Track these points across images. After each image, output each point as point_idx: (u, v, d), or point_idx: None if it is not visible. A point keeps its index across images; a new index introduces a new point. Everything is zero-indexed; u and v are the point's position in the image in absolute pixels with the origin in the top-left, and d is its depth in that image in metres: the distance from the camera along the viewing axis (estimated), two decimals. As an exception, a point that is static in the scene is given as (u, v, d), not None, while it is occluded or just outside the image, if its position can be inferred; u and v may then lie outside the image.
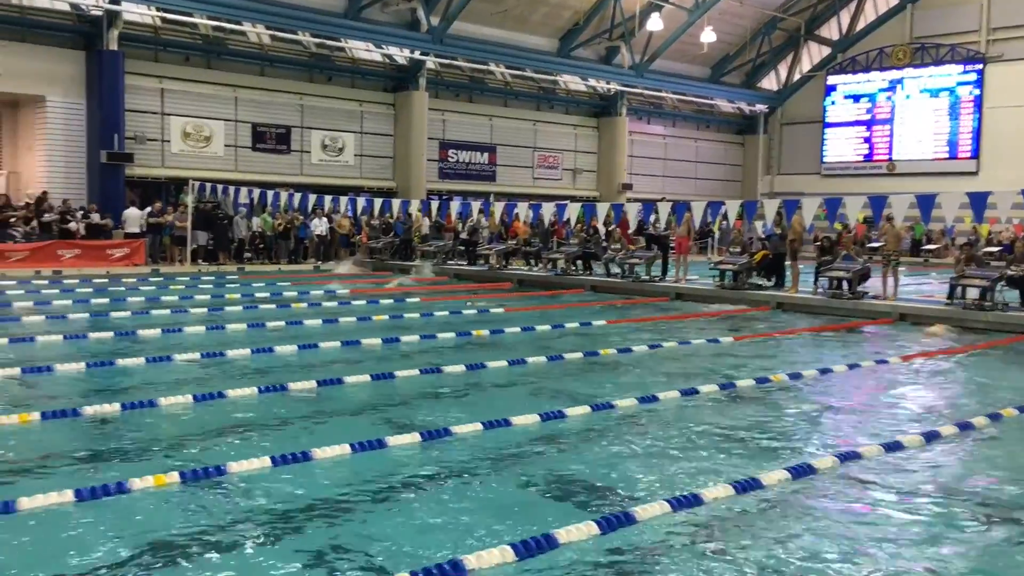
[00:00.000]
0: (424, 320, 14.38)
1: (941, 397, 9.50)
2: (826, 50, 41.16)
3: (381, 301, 16.85)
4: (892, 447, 7.02)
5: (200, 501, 5.46)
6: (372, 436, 6.86)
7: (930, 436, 7.40)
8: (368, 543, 4.86)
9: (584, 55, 34.60)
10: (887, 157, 39.20)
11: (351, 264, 25.17)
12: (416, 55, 29.91)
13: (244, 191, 24.35)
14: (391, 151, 30.89)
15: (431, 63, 30.68)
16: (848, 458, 6.65)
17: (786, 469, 6.25)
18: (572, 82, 35.77)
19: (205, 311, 14.78)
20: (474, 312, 15.45)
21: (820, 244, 18.74)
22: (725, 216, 19.77)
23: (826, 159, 40.99)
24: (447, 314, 15.08)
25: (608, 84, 35.80)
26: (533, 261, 24.17)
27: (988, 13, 36.40)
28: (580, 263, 22.30)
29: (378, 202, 25.12)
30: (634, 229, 25.03)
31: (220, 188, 24.24)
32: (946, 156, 37.51)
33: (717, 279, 19.15)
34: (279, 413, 7.85)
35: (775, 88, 42.27)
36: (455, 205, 24.94)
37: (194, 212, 23.38)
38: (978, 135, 36.69)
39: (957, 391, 9.92)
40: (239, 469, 5.98)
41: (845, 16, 40.02)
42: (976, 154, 36.66)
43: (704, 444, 7.13)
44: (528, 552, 4.66)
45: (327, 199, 24.91)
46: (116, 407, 7.65)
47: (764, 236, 20.01)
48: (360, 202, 24.68)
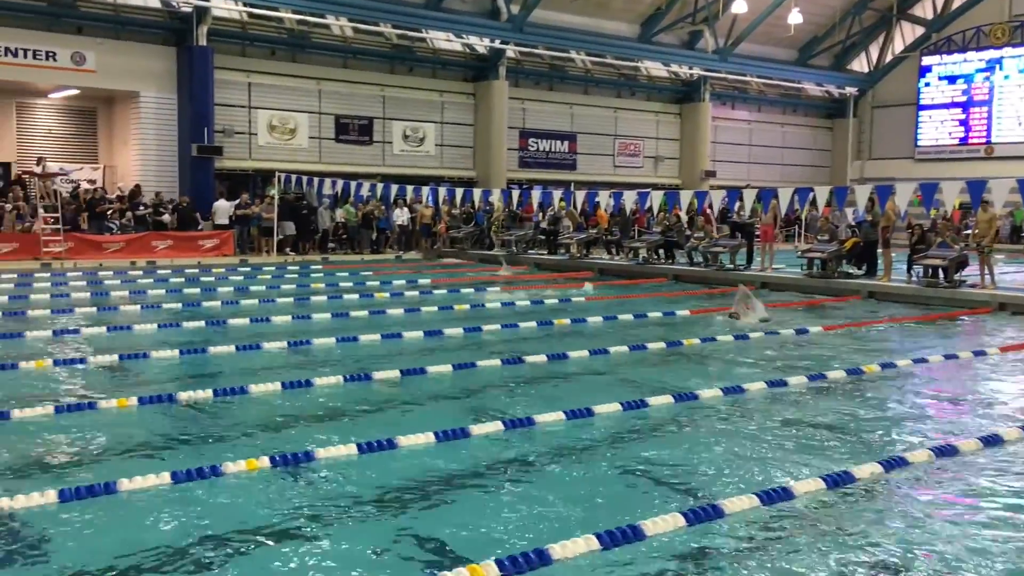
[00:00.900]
0: (505, 309, 14.40)
1: (1045, 390, 9.06)
2: (920, 30, 39.65)
3: (462, 290, 16.94)
4: (990, 441, 6.72)
5: (289, 486, 5.56)
6: (455, 425, 6.89)
7: (1035, 431, 7.06)
8: (452, 531, 4.88)
9: (666, 40, 34.10)
10: (984, 140, 37.62)
11: (418, 254, 25.43)
12: (496, 44, 29.94)
13: (328, 182, 24.79)
14: (471, 141, 31.03)
15: (511, 52, 30.66)
16: (944, 453, 6.39)
17: (879, 463, 6.04)
18: (654, 68, 35.31)
19: (291, 300, 15.09)
20: (555, 301, 15.40)
21: (913, 231, 18.08)
22: (813, 203, 19.23)
23: (920, 143, 39.57)
24: (528, 303, 15.06)
25: (691, 69, 35.23)
26: (614, 250, 23.98)
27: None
28: (662, 252, 22.02)
29: (459, 192, 25.25)
30: (717, 217, 24.59)
31: (305, 179, 24.73)
32: (1048, 138, 35.81)
33: (805, 268, 18.68)
34: (364, 401, 7.96)
35: (866, 70, 40.95)
36: (536, 194, 24.88)
37: (280, 203, 23.91)
38: (1084, 115, 34.89)
39: (1063, 384, 9.45)
40: (326, 455, 6.08)
41: (940, -6, 38.52)
42: (1081, 135, 34.87)
43: (793, 436, 6.95)
44: (613, 542, 4.61)
45: (408, 189, 25.17)
46: (208, 393, 7.86)
47: (855, 223, 19.41)
48: (441, 192, 24.86)
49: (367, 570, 4.37)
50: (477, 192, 25.43)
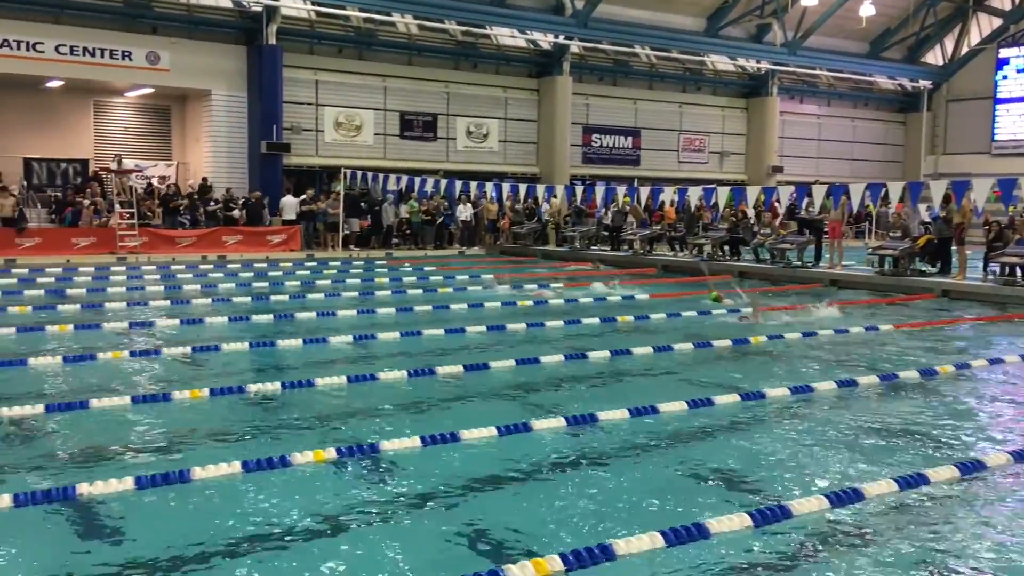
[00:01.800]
0: (568, 306, 14.37)
1: None
2: (997, 21, 38.33)
3: (524, 287, 16.96)
4: (1076, 446, 6.48)
5: (355, 477, 5.65)
6: (518, 420, 6.90)
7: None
8: (515, 524, 4.89)
9: (733, 33, 33.59)
10: (1066, 134, 36.25)
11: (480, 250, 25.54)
12: (560, 39, 29.86)
13: (392, 178, 25.03)
14: (535, 137, 31.02)
15: (575, 47, 30.56)
16: (1023, 457, 6.19)
17: (954, 465, 5.88)
18: (720, 62, 34.82)
19: (356, 295, 15.30)
20: (618, 298, 15.30)
21: (991, 228, 17.51)
22: (885, 199, 18.76)
23: (997, 137, 38.29)
24: (591, 300, 15.01)
25: (758, 63, 34.65)
26: (678, 247, 23.75)
27: None
28: (727, 248, 21.72)
29: (522, 187, 25.28)
30: (784, 213, 24.16)
31: (370, 176, 25.02)
32: None
33: (876, 265, 18.24)
34: (427, 395, 8.03)
35: (940, 63, 39.75)
36: (599, 190, 24.76)
37: (345, 199, 24.22)
38: None
39: None
40: (391, 447, 6.15)
41: (1019, -17, 37.16)
42: None
43: (863, 437, 6.80)
44: (678, 540, 4.57)
45: (472, 185, 25.29)
46: (277, 385, 8.02)
47: (929, 219, 18.89)
48: (504, 188, 24.93)
49: (431, 561, 4.41)
50: (540, 188, 25.43)
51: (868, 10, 32.14)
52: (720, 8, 32.56)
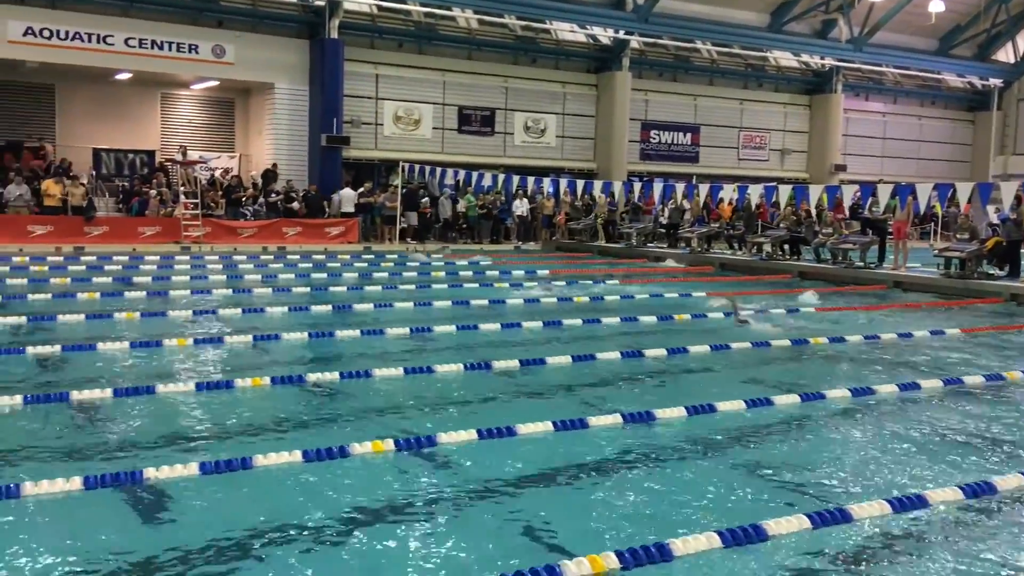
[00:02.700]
0: (624, 302, 14.30)
1: None
2: (1074, 16, 37.04)
3: (579, 281, 16.93)
4: None
5: (412, 468, 5.70)
6: (573, 415, 6.90)
7: None
8: (571, 520, 4.90)
9: (797, 29, 33.00)
10: None
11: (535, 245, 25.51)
12: (621, 35, 29.68)
13: (449, 172, 25.15)
14: (593, 132, 30.89)
15: (635, 42, 30.34)
16: (1098, 468, 5.99)
17: (1022, 474, 5.72)
18: (783, 58, 34.26)
19: (413, 288, 15.42)
20: (675, 296, 15.18)
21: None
22: (952, 199, 18.29)
23: (1070, 137, 37.05)
24: (647, 296, 14.92)
25: (823, 59, 34.00)
26: (736, 245, 23.46)
27: None
28: (787, 248, 21.40)
29: (580, 183, 25.21)
30: (848, 213, 23.69)
31: (427, 170, 25.18)
32: None
33: (941, 267, 17.80)
34: (484, 389, 8.07)
35: (1012, 60, 38.53)
36: (657, 187, 24.57)
37: (403, 193, 24.42)
38: None
39: None
40: (448, 440, 6.19)
41: (1099, -23, 35.85)
42: None
43: (927, 442, 6.65)
44: (735, 541, 4.53)
45: (529, 180, 25.30)
46: (335, 375, 8.13)
47: (999, 221, 18.36)
48: (562, 183, 24.87)
49: (486, 554, 4.43)
50: (597, 184, 25.32)
51: (937, 6, 31.32)
52: (784, 3, 32.00)
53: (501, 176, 25.21)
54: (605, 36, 30.09)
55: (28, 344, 9.15)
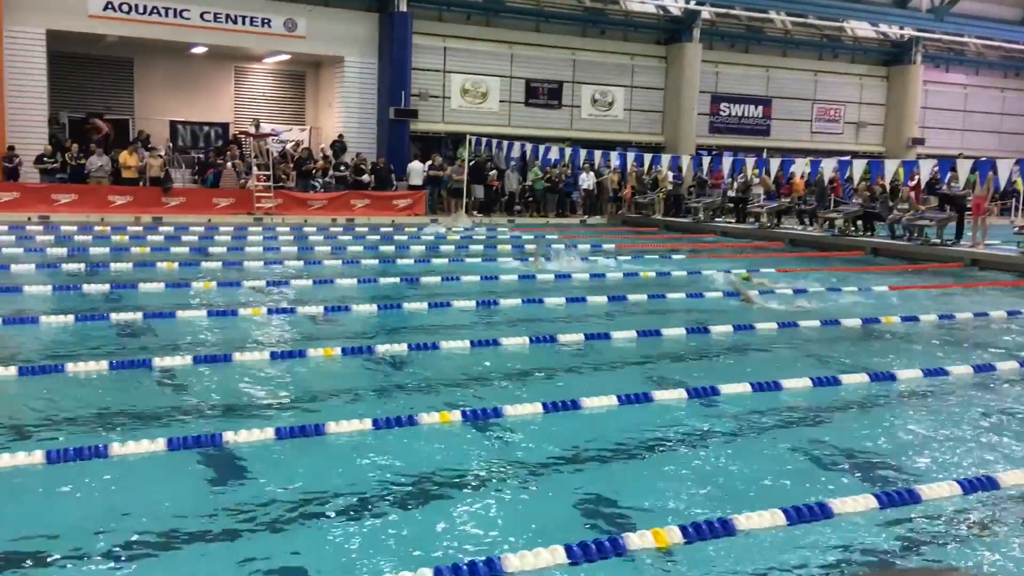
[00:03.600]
0: (690, 278, 14.21)
1: None
2: None
3: (645, 256, 16.85)
4: None
5: (478, 439, 5.82)
6: (638, 390, 6.93)
7: None
8: (634, 494, 4.95)
9: (875, -1, 32.06)
10: None
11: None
12: (691, 5, 29.18)
13: (516, 145, 25.16)
14: (661, 105, 30.53)
15: (706, 13, 29.81)
16: None
17: (1102, 460, 5.59)
18: (860, 28, 33.29)
19: (479, 261, 15.54)
20: (742, 271, 15.01)
21: None
22: (1036, 174, 17.65)
23: None
24: (713, 272, 14.78)
25: (901, 29, 32.94)
26: (808, 220, 23.03)
27: None
28: (861, 223, 20.93)
29: (647, 157, 24.98)
30: (924, 188, 23.03)
31: (494, 143, 25.23)
32: None
33: (1022, 245, 17.23)
34: (549, 362, 8.15)
35: (1105, 28, 36.81)
36: (727, 161, 24.21)
37: (470, 166, 24.53)
38: None
39: None
40: (513, 412, 6.29)
41: None
42: None
43: (1000, 424, 6.52)
44: (800, 518, 4.54)
45: (596, 154, 25.17)
46: (403, 347, 8.29)
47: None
48: (629, 157, 24.67)
49: (549, 525, 4.51)
50: (665, 158, 25.07)
51: (1026, -28, 30.02)
52: (862, -29, 31.07)
53: (568, 149, 25.12)
54: (675, 7, 29.61)
55: (112, 311, 9.52)
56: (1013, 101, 37.21)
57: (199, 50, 24.87)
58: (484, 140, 25.21)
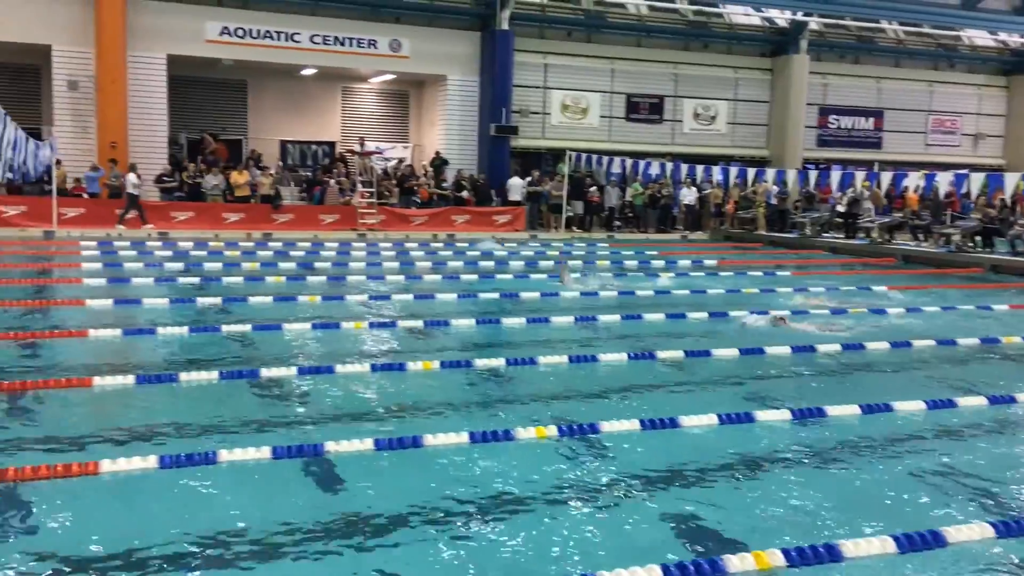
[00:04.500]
0: (796, 294, 13.82)
1: None
2: None
3: (749, 273, 16.49)
4: None
5: (574, 455, 5.78)
6: (739, 409, 6.77)
7: None
8: (734, 515, 4.83)
9: (994, 5, 30.66)
10: None
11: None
12: (799, 16, 28.54)
13: (616, 161, 25.04)
14: (766, 118, 29.90)
15: (814, 24, 29.10)
16: None
17: None
18: (978, 37, 31.90)
19: (578, 276, 15.48)
20: (853, 288, 14.52)
21: None
22: None
23: None
24: (822, 289, 14.34)
25: (1022, 37, 31.41)
26: (922, 236, 22.13)
27: None
28: (979, 239, 19.98)
29: (751, 171, 24.50)
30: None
31: (594, 158, 25.17)
32: None
33: None
34: (647, 379, 8.04)
35: None
36: (836, 174, 23.50)
37: (570, 181, 24.53)
38: None
39: None
40: (610, 429, 6.23)
41: None
42: None
43: None
44: (911, 546, 4.34)
45: (698, 169, 24.82)
46: (502, 361, 8.32)
47: None
48: (732, 171, 24.26)
49: (645, 544, 4.44)
50: (770, 172, 24.53)
51: None
52: (980, -23, 29.84)
53: (669, 164, 24.85)
54: (782, 18, 29.02)
55: (223, 323, 9.89)
56: None
57: (309, 72, 25.71)
58: (584, 156, 25.19)
